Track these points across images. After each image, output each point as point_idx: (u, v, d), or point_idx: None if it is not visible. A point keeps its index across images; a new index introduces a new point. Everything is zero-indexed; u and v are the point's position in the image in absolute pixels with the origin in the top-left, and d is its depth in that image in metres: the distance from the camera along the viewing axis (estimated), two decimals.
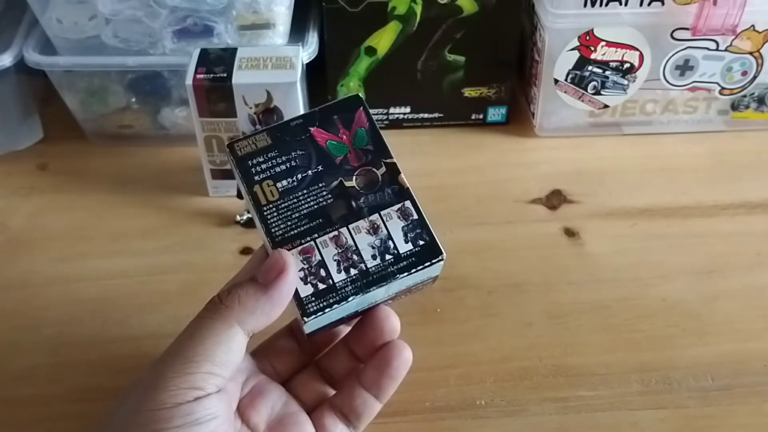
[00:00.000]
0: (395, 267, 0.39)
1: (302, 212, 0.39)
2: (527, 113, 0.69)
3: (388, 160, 0.41)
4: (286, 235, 0.39)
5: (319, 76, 0.64)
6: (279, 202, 0.40)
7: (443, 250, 0.40)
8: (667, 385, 0.49)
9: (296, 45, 0.60)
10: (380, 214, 0.40)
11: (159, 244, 0.58)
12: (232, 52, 0.57)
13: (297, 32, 0.63)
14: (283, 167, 0.40)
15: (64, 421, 0.47)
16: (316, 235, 0.39)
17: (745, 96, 0.66)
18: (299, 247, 0.39)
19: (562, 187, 0.63)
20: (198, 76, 0.56)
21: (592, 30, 0.61)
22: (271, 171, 0.40)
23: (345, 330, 0.44)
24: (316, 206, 0.39)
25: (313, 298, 0.38)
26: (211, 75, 0.56)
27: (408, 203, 0.40)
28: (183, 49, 0.60)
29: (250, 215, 0.58)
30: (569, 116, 0.67)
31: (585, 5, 0.59)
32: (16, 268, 0.57)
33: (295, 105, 0.57)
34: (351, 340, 0.43)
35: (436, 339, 0.52)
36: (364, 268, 0.39)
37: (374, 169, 0.40)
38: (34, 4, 0.59)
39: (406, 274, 0.39)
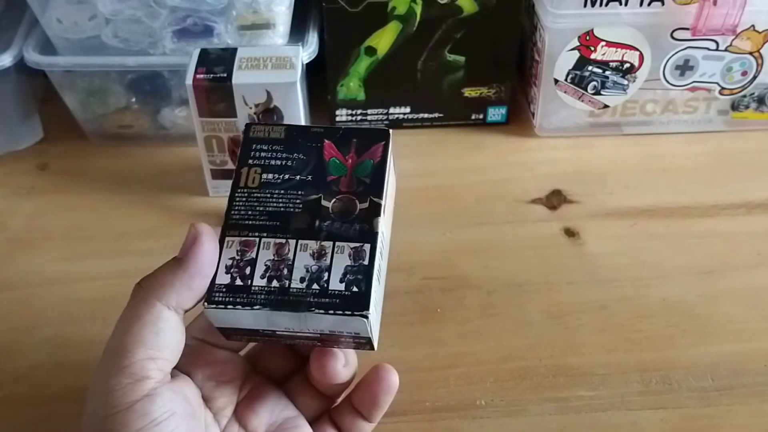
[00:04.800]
0: (314, 299, 0.36)
1: (267, 209, 0.38)
2: (527, 113, 0.69)
3: (375, 199, 0.39)
4: (240, 221, 0.38)
5: (319, 76, 0.64)
6: (254, 191, 0.39)
7: (370, 311, 0.36)
8: (667, 385, 0.49)
9: (296, 45, 0.60)
10: (335, 244, 0.37)
11: (159, 244, 0.58)
12: (232, 52, 0.57)
13: (297, 32, 0.63)
14: (278, 162, 0.40)
15: (64, 421, 0.47)
16: (265, 234, 0.38)
17: (745, 96, 0.66)
18: (243, 238, 0.38)
19: (562, 187, 0.63)
20: (198, 76, 0.56)
21: (592, 30, 0.61)
22: (266, 161, 0.40)
23: None
24: (282, 209, 0.38)
25: (224, 290, 0.37)
26: (211, 75, 0.56)
27: (367, 247, 0.37)
28: (183, 49, 0.60)
29: None
30: (569, 116, 0.67)
31: (585, 5, 0.59)
32: (16, 268, 0.57)
33: (295, 105, 0.57)
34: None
35: (436, 339, 0.52)
36: (286, 286, 0.36)
37: (356, 201, 0.39)
38: (34, 4, 0.59)
39: (321, 312, 0.36)
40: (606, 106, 0.66)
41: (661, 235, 0.59)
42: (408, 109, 0.68)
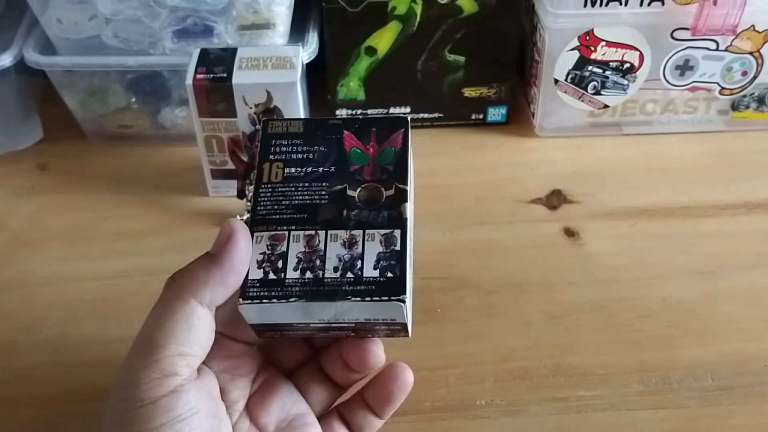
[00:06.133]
0: (350, 287, 0.36)
1: (293, 202, 0.39)
2: (527, 113, 0.69)
3: (401, 185, 0.39)
4: (267, 216, 0.38)
5: (319, 76, 0.64)
6: (278, 185, 0.39)
7: (407, 295, 0.36)
8: (667, 385, 0.49)
9: (296, 45, 0.60)
10: (365, 232, 0.38)
11: (159, 244, 0.58)
12: (232, 52, 0.57)
13: (297, 32, 0.63)
14: (299, 156, 0.40)
15: (64, 421, 0.47)
16: (293, 227, 0.38)
17: (745, 96, 0.66)
18: (272, 233, 0.38)
19: (562, 187, 0.63)
20: (198, 76, 0.56)
21: (592, 30, 0.61)
22: (287, 155, 0.40)
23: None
24: (309, 201, 0.39)
25: (258, 284, 0.37)
26: (211, 75, 0.56)
27: (397, 232, 0.37)
28: (183, 49, 0.60)
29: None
30: (569, 116, 0.67)
31: (585, 5, 0.59)
32: (16, 268, 0.57)
33: (295, 105, 0.57)
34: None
35: (436, 339, 0.52)
36: (320, 276, 0.36)
37: (382, 188, 0.39)
38: (34, 4, 0.59)
39: (358, 299, 0.36)
40: (606, 106, 0.66)
41: (661, 235, 0.59)
42: (408, 109, 0.68)
